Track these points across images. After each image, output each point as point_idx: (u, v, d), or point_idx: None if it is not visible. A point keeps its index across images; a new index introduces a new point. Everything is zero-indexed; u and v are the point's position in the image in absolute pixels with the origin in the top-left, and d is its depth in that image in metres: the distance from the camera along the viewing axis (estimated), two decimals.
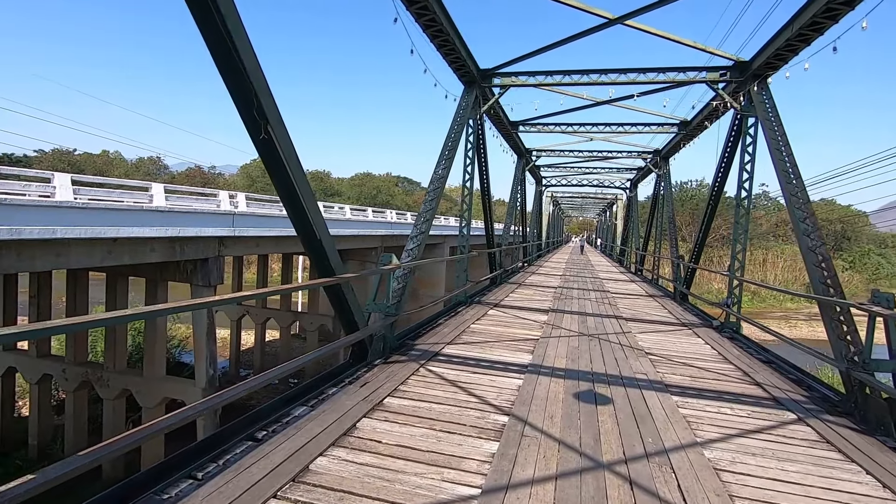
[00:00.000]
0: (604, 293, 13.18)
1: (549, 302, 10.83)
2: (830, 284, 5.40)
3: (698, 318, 9.76)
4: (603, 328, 8.10)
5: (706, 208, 10.61)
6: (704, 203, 40.92)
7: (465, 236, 9.94)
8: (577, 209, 60.41)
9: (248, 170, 79.23)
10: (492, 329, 7.55)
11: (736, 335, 8.09)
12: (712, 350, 6.98)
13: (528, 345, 6.62)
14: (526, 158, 18.17)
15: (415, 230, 7.07)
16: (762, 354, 6.86)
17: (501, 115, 12.35)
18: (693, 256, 11.45)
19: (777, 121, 7.33)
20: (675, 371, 5.70)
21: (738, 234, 8.53)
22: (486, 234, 12.76)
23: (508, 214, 16.25)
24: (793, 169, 6.64)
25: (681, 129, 12.55)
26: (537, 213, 26.53)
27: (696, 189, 73.81)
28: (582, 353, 6.30)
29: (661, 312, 10.28)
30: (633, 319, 9.18)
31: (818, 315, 26.89)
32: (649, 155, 17.14)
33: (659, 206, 17.14)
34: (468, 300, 9.85)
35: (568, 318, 8.91)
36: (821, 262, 5.60)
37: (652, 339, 7.45)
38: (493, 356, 5.91)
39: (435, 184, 7.71)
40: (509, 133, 14.21)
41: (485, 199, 12.04)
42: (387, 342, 5.64)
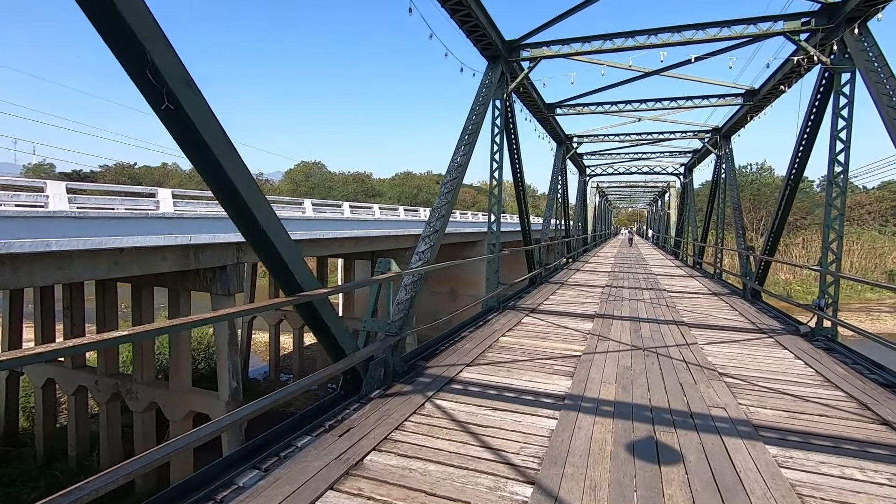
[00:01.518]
0: (659, 292, 11.61)
1: (596, 305, 9.46)
2: None
3: (779, 322, 8.12)
4: (661, 338, 6.71)
5: (784, 190, 8.90)
6: (768, 188, 38.05)
7: (494, 233, 8.76)
8: (625, 199, 57.37)
9: (292, 174, 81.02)
10: (524, 343, 6.35)
11: (833, 344, 6.49)
12: (806, 367, 5.48)
13: (568, 364, 5.39)
14: (566, 145, 16.67)
15: (427, 229, 5.99)
16: (877, 374, 5.30)
17: (535, 96, 11.05)
18: (767, 247, 9.73)
19: (888, 72, 5.70)
20: (763, 402, 4.32)
21: (831, 219, 6.88)
22: (522, 229, 11.50)
23: (548, 207, 14.87)
24: None
25: (747, 99, 10.77)
26: (581, 205, 24.81)
27: (756, 173, 68.65)
28: (636, 375, 5.01)
29: (731, 315, 8.70)
30: (697, 325, 7.70)
31: None
32: (707, 134, 15.24)
33: (720, 191, 15.21)
34: (500, 305, 8.68)
35: (617, 325, 7.55)
36: None
37: (725, 354, 6.02)
38: (521, 382, 4.74)
39: (452, 173, 6.59)
40: (545, 117, 12.86)
41: (518, 191, 10.79)
42: (389, 367, 4.60)
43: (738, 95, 10.97)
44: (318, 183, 77.59)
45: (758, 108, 10.69)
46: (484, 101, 7.53)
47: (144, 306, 13.03)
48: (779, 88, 8.97)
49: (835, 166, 6.82)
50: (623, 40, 7.74)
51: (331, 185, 77.64)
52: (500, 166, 8.65)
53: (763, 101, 10.28)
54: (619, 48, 7.75)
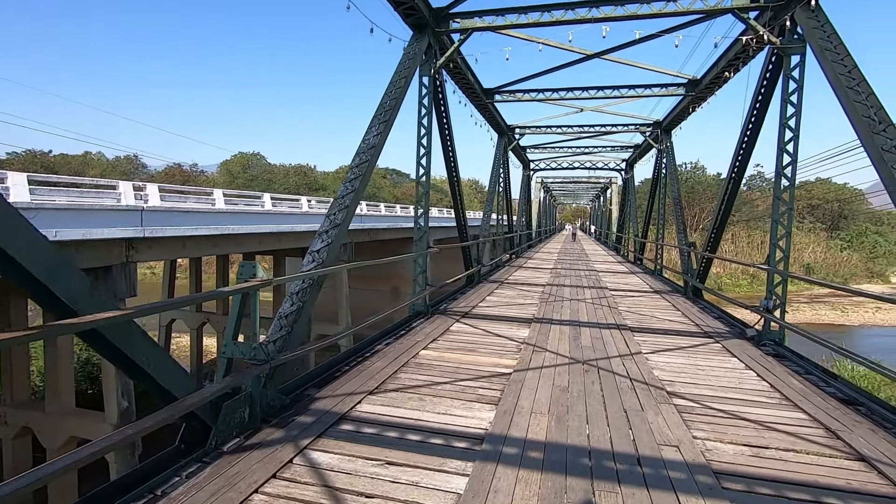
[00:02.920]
0: (601, 290, 11.05)
1: (535, 307, 8.67)
2: None
3: (723, 323, 7.64)
4: (603, 347, 5.95)
5: (727, 184, 8.46)
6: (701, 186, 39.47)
7: (422, 228, 7.74)
8: (569, 195, 58.31)
9: (229, 166, 76.43)
10: (448, 358, 5.38)
11: (782, 350, 5.98)
12: (760, 380, 4.85)
13: (495, 386, 4.46)
14: (508, 136, 15.94)
15: (326, 223, 4.85)
16: (834, 386, 4.74)
17: (470, 78, 10.10)
18: (709, 243, 9.32)
19: (843, 50, 5.15)
20: (721, 434, 3.56)
21: (779, 214, 6.38)
22: (458, 224, 10.56)
23: (488, 201, 14.06)
24: (878, 114, 4.48)
25: (689, 90, 10.35)
26: (525, 200, 24.35)
27: (690, 172, 71.89)
28: (573, 400, 4.14)
29: (674, 317, 8.15)
30: (641, 330, 7.04)
31: (817, 298, 24.75)
32: (648, 128, 14.98)
33: (660, 187, 14.99)
34: (429, 309, 7.68)
35: (556, 332, 6.75)
36: None
37: (672, 365, 5.31)
38: (433, 417, 3.74)
39: (362, 156, 5.49)
40: (484, 104, 11.97)
41: (452, 181, 9.82)
42: (257, 405, 3.46)
43: (680, 85, 10.54)
44: (256, 175, 73.64)
45: (699, 98, 10.29)
46: (405, 73, 6.47)
47: (15, 314, 11.00)
48: (723, 75, 8.51)
49: (783, 157, 6.31)
50: (562, 12, 6.91)
51: (271, 177, 73.93)
52: (427, 152, 7.63)
53: (705, 91, 9.86)
54: (558, 21, 6.92)
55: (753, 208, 64.53)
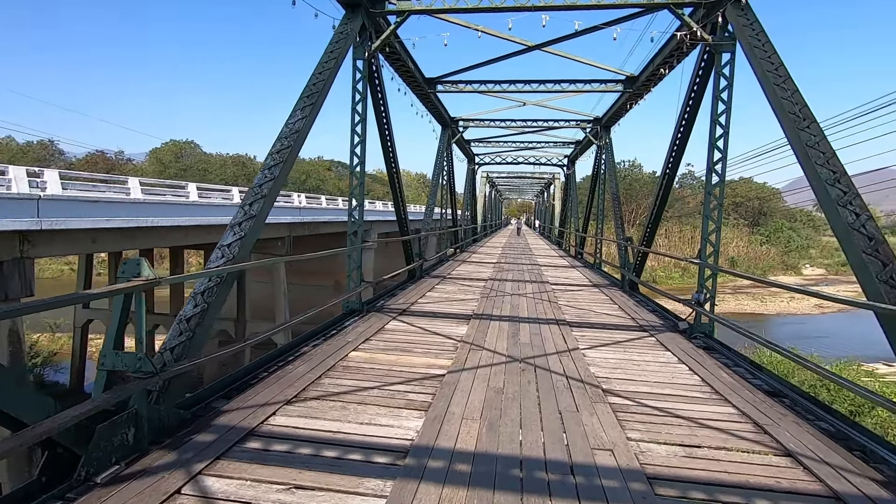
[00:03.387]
0: (542, 284, 11.06)
1: (475, 303, 8.47)
2: (875, 254, 3.32)
3: (657, 316, 7.77)
4: (541, 344, 5.81)
5: (661, 180, 8.63)
6: (638, 183, 41.17)
7: (356, 221, 7.31)
8: (515, 190, 59.28)
9: (159, 154, 71.47)
10: (379, 360, 5.03)
11: (711, 342, 6.10)
12: (692, 374, 4.87)
13: (427, 390, 4.17)
14: (452, 129, 15.69)
15: (240, 214, 4.35)
16: (760, 379, 4.83)
17: (410, 66, 9.72)
18: (644, 238, 9.51)
19: (770, 48, 5.24)
20: (655, 433, 3.45)
21: (710, 209, 6.50)
22: (398, 218, 10.19)
23: (431, 194, 13.77)
24: (802, 111, 4.56)
25: (627, 86, 10.50)
26: (470, 194, 24.29)
27: (628, 169, 75.09)
28: (508, 403, 3.92)
29: (611, 310, 8.22)
30: (579, 324, 7.01)
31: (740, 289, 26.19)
32: (589, 124, 15.20)
33: (600, 182, 15.31)
34: (363, 307, 7.28)
35: (495, 328, 6.57)
36: (873, 250, 3.51)
37: (609, 361, 5.25)
38: (355, 429, 3.39)
39: (284, 142, 5.00)
40: (426, 94, 11.63)
41: (391, 172, 9.42)
42: (144, 425, 2.97)
43: (618, 82, 10.67)
44: (190, 165, 69.35)
45: (637, 95, 10.47)
46: (336, 55, 6.00)
47: None
48: (659, 72, 8.66)
49: (714, 153, 6.42)
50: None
51: (206, 167, 69.90)
52: (362, 141, 7.20)
53: (642, 88, 10.04)
54: (498, 7, 6.69)
55: (685, 205, 68.40)
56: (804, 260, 69.30)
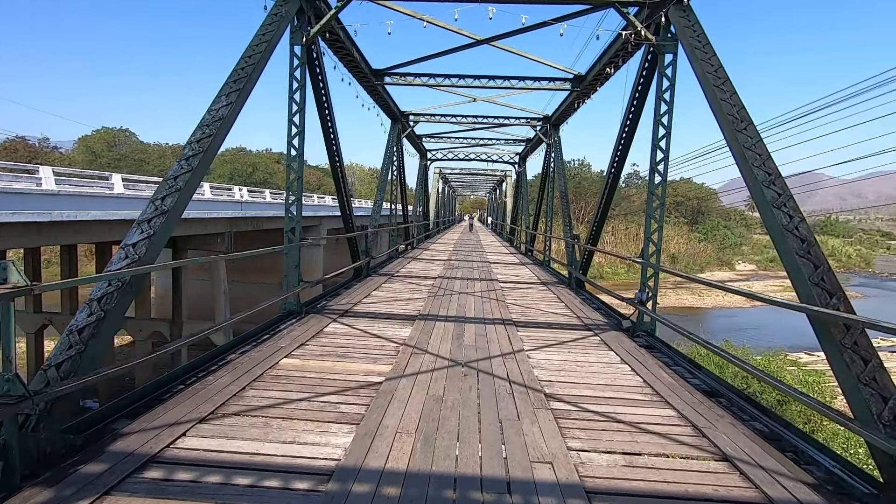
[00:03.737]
0: (491, 282, 10.98)
1: (422, 302, 8.23)
2: (827, 289, 3.35)
3: (602, 314, 7.82)
4: (486, 346, 5.65)
5: (607, 178, 8.70)
6: (587, 182, 42.31)
7: (294, 217, 6.87)
8: (468, 187, 59.48)
9: (89, 142, 66.39)
10: (313, 367, 4.69)
11: (653, 341, 6.15)
12: (634, 375, 4.84)
13: (361, 400, 3.89)
14: (402, 123, 15.34)
15: (150, 209, 3.90)
16: (698, 378, 4.87)
17: (355, 55, 9.30)
18: (591, 236, 9.60)
19: (710, 50, 5.28)
20: (596, 441, 3.34)
21: (653, 208, 6.56)
22: (342, 214, 9.77)
23: (380, 189, 13.38)
24: (740, 112, 4.60)
25: (575, 85, 10.55)
26: (422, 189, 24.00)
27: (577, 168, 77.20)
28: (447, 413, 3.71)
29: (558, 309, 8.21)
30: (525, 324, 6.92)
31: (680, 284, 27.28)
32: (538, 122, 15.27)
33: (549, 180, 15.44)
34: (302, 308, 6.87)
35: (440, 329, 6.35)
36: (805, 252, 3.54)
37: (553, 363, 5.15)
38: (274, 450, 3.06)
39: (205, 129, 4.54)
40: (373, 86, 11.24)
41: (335, 166, 8.99)
42: (20, 455, 2.52)
43: (567, 80, 10.71)
44: (125, 154, 64.91)
45: (584, 94, 10.55)
46: (269, 37, 5.56)
47: None
48: (605, 72, 8.72)
49: (657, 153, 6.48)
50: None
51: (143, 157, 65.68)
52: (300, 132, 6.77)
53: (589, 87, 10.11)
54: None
55: (630, 203, 71.17)
56: (737, 256, 73.87)
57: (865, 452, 11.03)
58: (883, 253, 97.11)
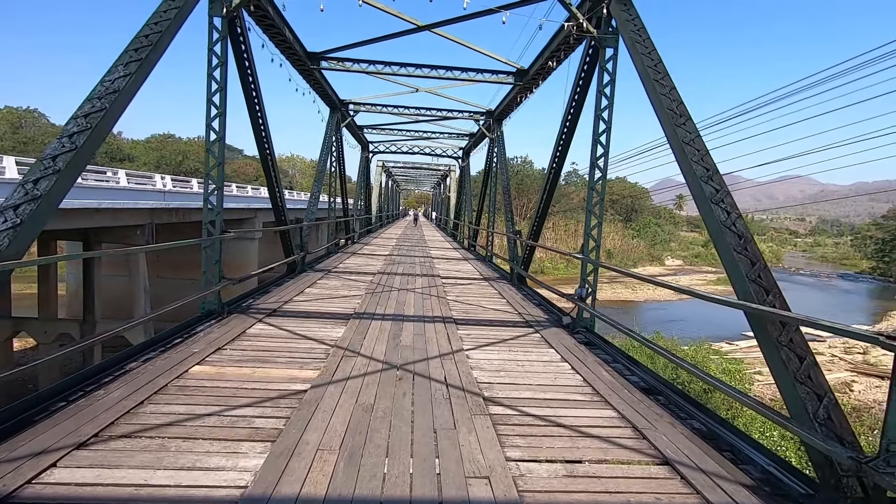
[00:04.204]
0: (433, 278, 10.71)
1: (359, 300, 7.81)
2: (763, 286, 3.32)
3: (543, 311, 7.76)
4: (424, 346, 5.35)
5: (548, 173, 8.65)
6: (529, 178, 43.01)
7: (214, 209, 6.23)
8: (412, 181, 58.91)
9: None
10: (228, 375, 4.19)
11: (592, 337, 6.12)
12: (574, 374, 4.73)
13: (281, 412, 3.47)
14: (341, 112, 14.70)
15: (18, 193, 3.23)
16: (636, 375, 4.84)
17: (288, 36, 8.65)
18: (532, 232, 9.55)
19: (650, 45, 5.24)
20: (536, 450, 3.13)
21: (592, 204, 6.51)
22: (273, 206, 9.11)
23: (317, 181, 12.72)
24: (679, 108, 4.57)
25: (517, 79, 10.45)
26: (364, 182, 23.33)
27: (520, 165, 78.71)
28: (377, 423, 3.37)
29: (499, 305, 8.07)
30: (466, 322, 6.69)
31: (615, 278, 28.37)
32: (482, 116, 15.14)
33: (492, 175, 15.37)
34: (224, 308, 6.26)
35: (376, 328, 5.98)
36: (742, 248, 3.51)
37: (493, 363, 4.94)
38: (168, 477, 2.59)
39: (96, 103, 3.89)
40: (309, 71, 10.59)
41: (264, 153, 8.33)
42: None
43: (510, 74, 10.59)
44: (33, 137, 58.78)
45: (527, 88, 10.48)
46: (180, 1, 4.91)
47: None
48: (547, 65, 8.65)
49: (597, 148, 6.43)
50: None
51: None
52: (221, 114, 6.13)
53: (532, 82, 10.04)
54: None
55: (570, 201, 73.56)
56: (667, 252, 78.44)
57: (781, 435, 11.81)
58: (791, 249, 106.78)
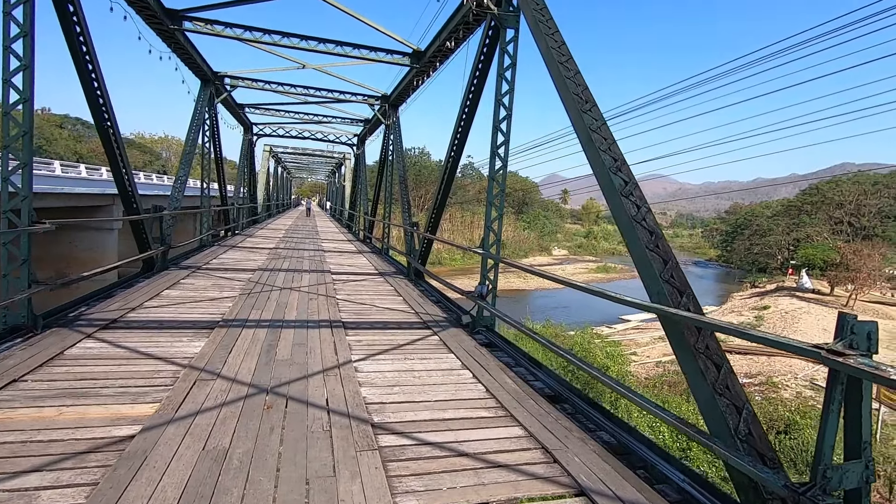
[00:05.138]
0: (322, 274, 9.74)
1: (230, 302, 6.67)
2: (677, 287, 3.07)
3: (441, 308, 7.28)
4: (304, 360, 4.54)
5: (446, 163, 8.17)
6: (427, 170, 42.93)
7: (21, 192, 4.74)
8: (305, 169, 55.59)
9: None
10: (17, 422, 3.03)
11: (493, 337, 5.75)
12: (476, 384, 4.26)
13: (87, 475, 2.49)
14: (216, 86, 12.90)
15: None
16: (540, 379, 4.51)
17: None
18: (430, 224, 9.03)
19: (553, 25, 4.90)
20: (437, 495, 2.56)
21: (493, 195, 6.12)
22: (120, 190, 7.50)
23: (183, 163, 10.96)
24: (584, 93, 4.26)
25: (413, 61, 9.80)
26: (248, 168, 21.17)
27: (417, 156, 78.55)
28: (227, 483, 2.54)
29: (395, 303, 7.43)
30: (357, 325, 5.95)
31: (507, 268, 28.94)
32: (376, 101, 14.28)
33: (388, 164, 14.62)
34: (39, 321, 4.82)
35: (246, 340, 5.01)
36: (654, 245, 3.25)
37: (386, 376, 4.29)
38: None
39: None
40: (170, 33, 8.93)
41: (104, 126, 6.73)
42: None
43: (406, 55, 9.90)
44: None
45: (423, 71, 9.88)
46: None
47: None
48: (446, 46, 8.10)
49: (498, 136, 6.04)
50: None
51: None
52: (26, 67, 4.64)
53: (429, 64, 9.45)
54: None
55: (466, 193, 75.12)
56: (554, 243, 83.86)
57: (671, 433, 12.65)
58: None
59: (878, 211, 58.03)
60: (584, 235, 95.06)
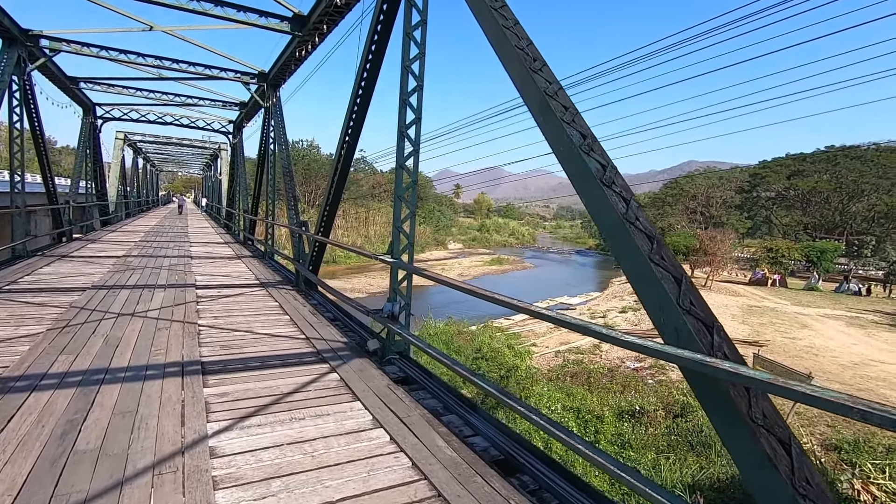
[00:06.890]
0: (185, 290, 7.71)
1: (27, 344, 4.60)
2: (699, 317, 2.09)
3: (339, 329, 5.86)
4: (125, 446, 2.90)
5: (339, 150, 6.70)
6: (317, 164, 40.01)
7: None
8: (174, 162, 49.02)
9: None
10: None
11: (409, 368, 4.52)
12: (398, 455, 3.00)
13: None
14: (27, 49, 9.89)
15: None
16: (479, 432, 3.38)
17: None
18: (322, 224, 7.50)
19: None
20: None
21: (403, 188, 4.85)
22: None
23: None
24: (530, 48, 3.19)
25: (295, 27, 8.11)
26: (90, 157, 17.37)
27: (306, 149, 73.86)
28: None
29: (279, 327, 5.84)
30: (224, 368, 4.33)
31: None
32: (254, 79, 12.17)
33: (269, 153, 12.57)
34: None
35: (30, 416, 3.20)
36: (658, 257, 2.25)
37: (263, 461, 2.83)
38: None
39: None
40: None
41: None
42: None
43: (285, 19, 8.17)
44: None
45: (307, 40, 8.22)
46: None
47: None
48: (334, 4, 6.61)
49: (406, 111, 4.78)
50: None
51: None
52: None
53: (314, 30, 7.84)
54: None
55: (360, 187, 72.35)
56: (449, 237, 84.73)
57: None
58: (542, 230, 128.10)
59: (724, 202, 66.96)
60: (477, 229, 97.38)
